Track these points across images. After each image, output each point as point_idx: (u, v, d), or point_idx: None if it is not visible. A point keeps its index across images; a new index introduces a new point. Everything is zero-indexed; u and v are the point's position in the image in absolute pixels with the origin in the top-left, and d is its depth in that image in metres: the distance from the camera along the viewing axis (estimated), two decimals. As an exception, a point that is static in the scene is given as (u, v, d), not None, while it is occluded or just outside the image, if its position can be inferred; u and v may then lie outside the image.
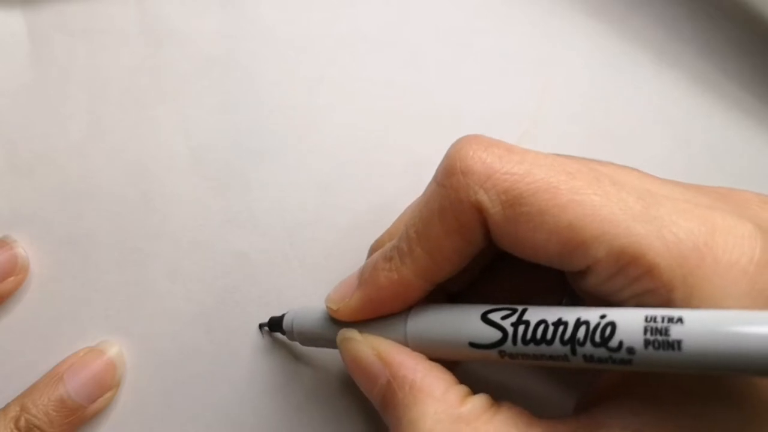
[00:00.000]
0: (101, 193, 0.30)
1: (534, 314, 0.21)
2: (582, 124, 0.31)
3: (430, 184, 0.23)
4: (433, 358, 0.23)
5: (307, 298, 0.30)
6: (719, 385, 0.19)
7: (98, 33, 0.30)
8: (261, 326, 0.29)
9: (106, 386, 0.28)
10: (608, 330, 0.19)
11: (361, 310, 0.24)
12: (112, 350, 0.29)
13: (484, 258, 0.24)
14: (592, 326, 0.19)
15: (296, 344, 0.29)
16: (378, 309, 0.24)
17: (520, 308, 0.21)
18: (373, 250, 0.27)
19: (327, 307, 0.25)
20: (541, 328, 0.20)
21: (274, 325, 0.29)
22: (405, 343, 0.23)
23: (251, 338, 0.30)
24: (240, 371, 0.29)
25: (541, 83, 0.31)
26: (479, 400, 0.21)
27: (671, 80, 0.31)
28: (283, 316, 0.28)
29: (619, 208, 0.20)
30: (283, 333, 0.28)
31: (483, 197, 0.21)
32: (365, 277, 0.24)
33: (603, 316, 0.19)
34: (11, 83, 0.30)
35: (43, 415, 0.27)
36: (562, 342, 0.20)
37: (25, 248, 0.30)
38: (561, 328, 0.20)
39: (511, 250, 0.22)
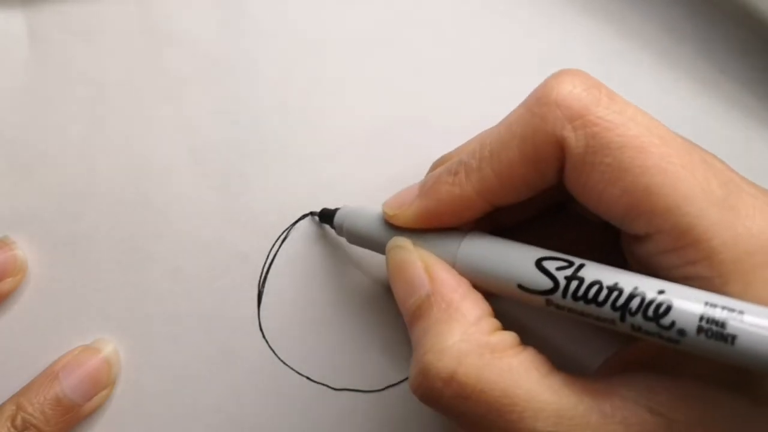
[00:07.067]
0: (101, 193, 0.30)
1: (590, 272, 0.20)
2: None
3: (518, 108, 0.22)
4: (475, 287, 0.22)
5: (307, 298, 0.30)
6: (744, 379, 0.19)
7: (98, 33, 0.30)
8: (312, 214, 0.29)
9: (101, 384, 0.28)
10: (663, 308, 0.18)
11: (418, 219, 0.24)
12: (107, 348, 0.29)
13: (545, 200, 0.24)
14: (647, 299, 0.19)
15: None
16: (434, 221, 0.24)
17: (577, 263, 0.20)
18: (435, 165, 0.27)
19: (384, 211, 0.25)
20: (594, 288, 0.20)
21: (325, 216, 0.28)
22: (453, 264, 0.23)
23: (251, 338, 0.29)
24: (239, 371, 0.29)
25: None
26: (509, 336, 0.21)
27: (671, 80, 0.31)
28: (336, 210, 0.28)
29: (702, 188, 0.19)
30: (332, 227, 0.28)
31: (570, 134, 0.20)
32: (427, 187, 0.24)
33: (661, 291, 0.19)
34: (11, 83, 0.30)
35: (39, 414, 0.27)
36: (614, 308, 0.19)
37: (23, 249, 0.29)
38: (615, 293, 0.19)
39: (578, 196, 0.21)
